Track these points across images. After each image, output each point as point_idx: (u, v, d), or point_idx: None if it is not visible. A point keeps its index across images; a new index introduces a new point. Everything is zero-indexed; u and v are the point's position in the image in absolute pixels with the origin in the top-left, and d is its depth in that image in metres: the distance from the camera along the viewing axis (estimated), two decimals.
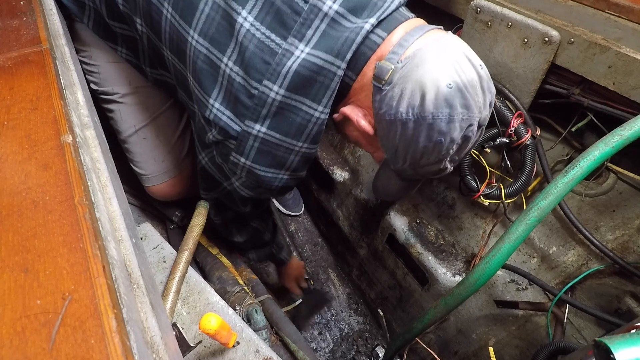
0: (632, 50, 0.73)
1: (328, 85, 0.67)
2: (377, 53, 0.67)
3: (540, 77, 0.86)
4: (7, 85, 0.56)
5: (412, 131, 0.64)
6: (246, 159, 0.75)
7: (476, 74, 0.63)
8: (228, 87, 0.70)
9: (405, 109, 0.63)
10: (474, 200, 1.06)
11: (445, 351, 1.24)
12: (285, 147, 0.73)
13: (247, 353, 0.79)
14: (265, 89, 0.67)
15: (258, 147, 0.73)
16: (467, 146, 0.68)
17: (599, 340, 0.42)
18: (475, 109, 0.63)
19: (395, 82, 0.63)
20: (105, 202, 0.45)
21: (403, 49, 0.64)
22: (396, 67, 0.63)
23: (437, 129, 0.62)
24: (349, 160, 1.65)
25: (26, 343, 0.31)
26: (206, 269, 1.14)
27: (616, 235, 0.93)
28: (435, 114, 0.61)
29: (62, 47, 0.68)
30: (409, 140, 0.65)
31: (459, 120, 0.62)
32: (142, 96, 1.04)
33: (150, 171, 1.14)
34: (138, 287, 0.41)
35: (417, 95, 0.62)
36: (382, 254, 1.42)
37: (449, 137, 0.63)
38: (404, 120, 0.64)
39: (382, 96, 0.65)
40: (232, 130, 0.72)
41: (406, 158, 0.69)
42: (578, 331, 0.96)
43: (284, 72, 0.65)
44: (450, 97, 0.61)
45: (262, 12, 0.65)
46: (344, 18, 0.65)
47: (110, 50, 0.95)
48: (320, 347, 1.52)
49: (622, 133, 0.64)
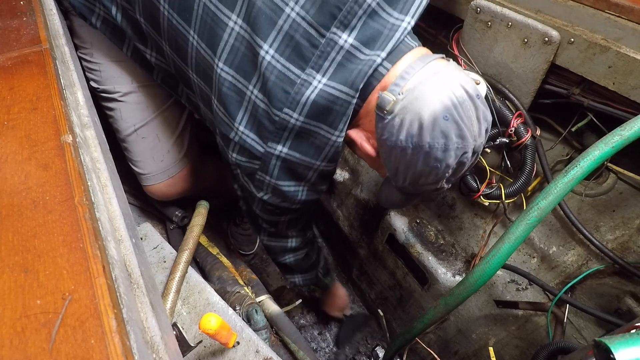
0: (632, 50, 0.73)
1: (344, 113, 0.72)
2: (382, 83, 0.71)
3: (540, 77, 0.86)
4: (7, 85, 0.56)
5: (411, 157, 0.69)
6: (271, 177, 0.80)
7: (472, 106, 0.67)
8: (253, 112, 0.74)
9: (404, 137, 0.68)
10: (474, 200, 1.06)
11: (445, 351, 1.24)
12: (305, 165, 0.79)
13: (247, 353, 0.79)
14: (285, 116, 0.71)
15: (280, 165, 0.78)
16: (462, 169, 0.72)
17: (599, 340, 0.42)
18: (470, 138, 0.67)
19: (396, 113, 0.68)
20: (105, 202, 0.45)
21: (404, 81, 0.68)
22: (397, 99, 0.68)
23: (434, 156, 0.67)
24: (349, 160, 1.65)
25: (26, 343, 0.31)
26: (206, 269, 1.14)
27: (616, 235, 0.93)
28: (431, 144, 0.66)
29: (62, 47, 0.68)
30: (408, 164, 0.71)
31: (454, 149, 0.66)
32: (143, 95, 1.03)
33: (149, 170, 1.14)
34: (138, 287, 0.41)
35: (415, 126, 0.66)
36: (382, 254, 1.42)
37: (444, 164, 0.68)
38: (403, 147, 0.68)
39: (384, 124, 0.70)
40: (257, 151, 0.77)
41: (406, 178, 0.74)
42: (578, 331, 0.96)
43: (302, 101, 0.70)
44: (446, 129, 0.65)
45: (282, 45, 0.69)
46: (358, 51, 0.69)
47: (113, 49, 0.95)
48: (320, 347, 1.52)
49: (622, 133, 0.64)
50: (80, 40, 0.96)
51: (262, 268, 1.67)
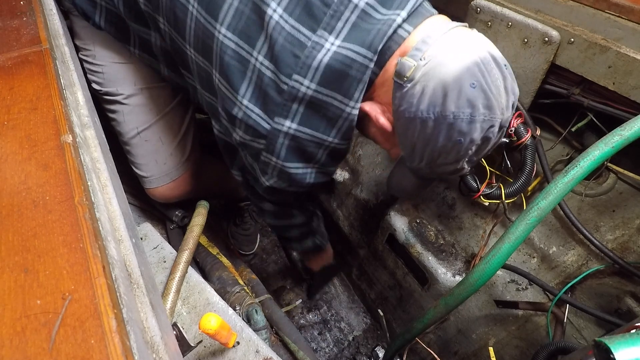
0: (632, 50, 0.73)
1: (360, 79, 0.65)
2: (401, 48, 0.65)
3: (540, 77, 0.86)
4: (7, 85, 0.56)
5: (432, 130, 0.63)
6: (277, 158, 0.74)
7: (501, 75, 0.62)
8: (258, 83, 0.69)
9: (426, 107, 0.62)
10: (474, 200, 1.06)
11: (445, 351, 1.24)
12: (315, 143, 0.72)
13: (247, 353, 0.79)
14: (295, 84, 0.66)
15: (288, 145, 0.72)
16: (487, 147, 0.66)
17: (599, 340, 0.42)
18: (497, 110, 0.61)
19: (417, 80, 0.62)
20: (105, 202, 0.45)
21: (427, 46, 0.62)
22: (419, 65, 0.61)
23: (458, 129, 0.61)
24: (349, 160, 1.65)
25: (26, 343, 0.31)
26: (206, 269, 1.14)
27: (616, 235, 0.93)
28: (456, 114, 0.60)
29: (62, 47, 0.68)
30: (428, 139, 0.64)
31: (481, 121, 0.61)
32: (146, 98, 1.03)
33: (152, 173, 1.14)
34: (138, 287, 0.41)
35: (439, 94, 0.60)
36: (382, 254, 1.42)
37: (469, 138, 0.62)
38: (424, 119, 0.62)
39: (403, 93, 0.64)
40: (262, 128, 0.71)
41: (423, 157, 0.68)
42: (578, 331, 0.96)
43: (314, 65, 0.64)
44: (473, 97, 0.59)
45: (291, 4, 0.64)
46: (373, 9, 0.64)
47: (117, 50, 0.94)
48: (320, 347, 1.52)
49: (622, 133, 0.64)
50: (82, 42, 0.95)
51: (262, 268, 1.67)
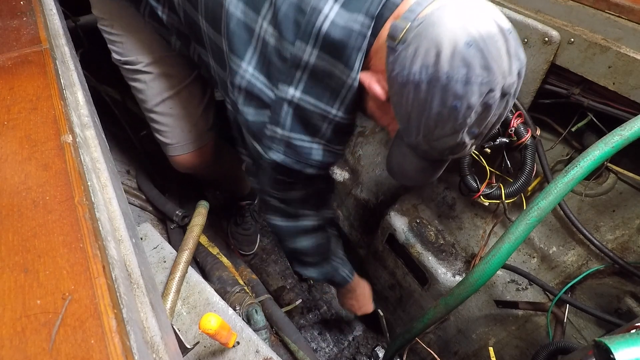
0: (632, 50, 0.73)
1: (359, 47, 0.64)
2: (395, 13, 0.64)
3: (540, 77, 0.86)
4: (7, 85, 0.56)
5: (425, 94, 0.59)
6: (283, 129, 0.72)
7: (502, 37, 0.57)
8: (262, 50, 0.69)
9: (418, 68, 0.58)
10: (474, 200, 1.06)
11: (445, 351, 1.24)
12: (319, 114, 0.71)
13: (247, 353, 0.79)
14: (298, 51, 0.66)
15: (292, 114, 0.71)
16: (488, 117, 0.61)
17: (599, 340, 0.42)
18: (497, 72, 0.56)
19: (410, 41, 0.59)
20: (105, 202, 0.45)
21: (421, 7, 0.60)
22: (411, 26, 0.59)
23: (452, 91, 0.57)
24: (349, 160, 1.65)
25: (26, 343, 0.31)
26: (206, 269, 1.14)
27: (616, 235, 0.93)
28: (450, 74, 0.56)
29: (62, 47, 0.68)
30: (422, 106, 0.60)
31: (478, 83, 0.56)
32: (166, 65, 1.03)
33: (177, 141, 1.14)
34: (138, 287, 0.41)
35: (432, 54, 0.57)
36: (382, 254, 1.42)
37: (465, 102, 0.57)
38: (416, 82, 0.59)
39: (395, 57, 0.61)
40: (266, 96, 0.71)
41: (420, 128, 0.63)
42: (578, 331, 0.96)
43: (314, 32, 0.64)
44: (468, 56, 0.55)
45: None
46: None
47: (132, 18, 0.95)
48: (320, 347, 1.52)
49: (622, 133, 0.64)
50: (99, 12, 0.97)
51: (262, 268, 1.67)
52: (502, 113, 0.62)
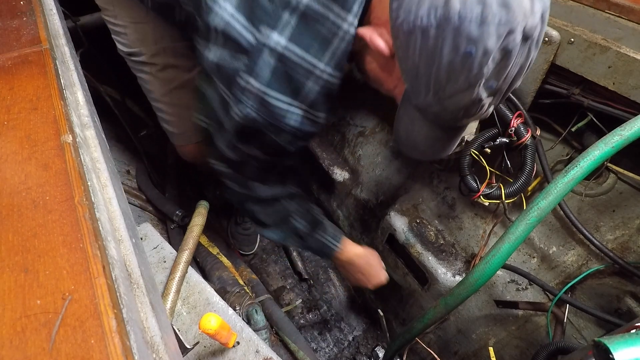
0: (632, 50, 0.74)
1: None
2: None
3: (540, 77, 0.86)
4: (7, 85, 0.56)
5: (434, 40, 0.51)
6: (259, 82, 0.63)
7: None
8: None
9: (426, 11, 0.50)
10: (474, 200, 1.06)
11: (445, 351, 1.24)
12: (305, 68, 0.62)
13: (247, 353, 0.79)
14: None
15: (274, 66, 0.62)
16: (508, 66, 0.52)
17: (599, 340, 0.42)
18: (518, 10, 0.48)
19: None
20: (105, 202, 0.45)
21: None
22: None
23: (465, 33, 0.48)
24: (349, 160, 1.65)
25: (26, 343, 0.31)
26: (206, 269, 1.14)
27: (616, 235, 0.93)
28: (462, 14, 0.48)
29: (62, 47, 0.68)
30: (431, 55, 0.52)
31: (495, 23, 0.47)
32: (171, 56, 1.04)
33: (184, 129, 1.14)
34: (138, 287, 0.41)
35: None
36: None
37: (481, 47, 0.49)
38: (424, 27, 0.51)
39: (400, 2, 0.53)
40: (245, 41, 0.61)
41: (429, 83, 0.55)
42: (578, 331, 0.96)
43: None
44: None
45: None
46: None
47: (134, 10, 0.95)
48: (320, 347, 1.52)
49: (622, 133, 0.64)
50: (103, 2, 0.97)
51: (262, 268, 1.67)
52: (524, 64, 0.54)
